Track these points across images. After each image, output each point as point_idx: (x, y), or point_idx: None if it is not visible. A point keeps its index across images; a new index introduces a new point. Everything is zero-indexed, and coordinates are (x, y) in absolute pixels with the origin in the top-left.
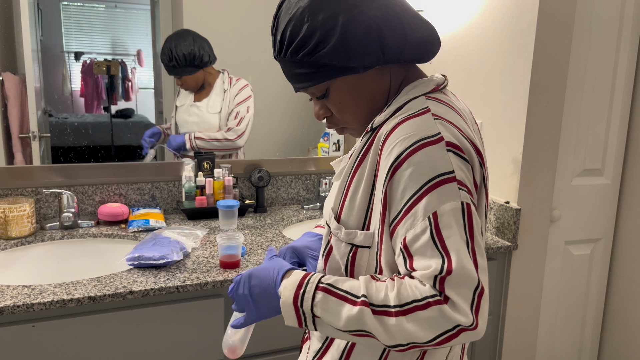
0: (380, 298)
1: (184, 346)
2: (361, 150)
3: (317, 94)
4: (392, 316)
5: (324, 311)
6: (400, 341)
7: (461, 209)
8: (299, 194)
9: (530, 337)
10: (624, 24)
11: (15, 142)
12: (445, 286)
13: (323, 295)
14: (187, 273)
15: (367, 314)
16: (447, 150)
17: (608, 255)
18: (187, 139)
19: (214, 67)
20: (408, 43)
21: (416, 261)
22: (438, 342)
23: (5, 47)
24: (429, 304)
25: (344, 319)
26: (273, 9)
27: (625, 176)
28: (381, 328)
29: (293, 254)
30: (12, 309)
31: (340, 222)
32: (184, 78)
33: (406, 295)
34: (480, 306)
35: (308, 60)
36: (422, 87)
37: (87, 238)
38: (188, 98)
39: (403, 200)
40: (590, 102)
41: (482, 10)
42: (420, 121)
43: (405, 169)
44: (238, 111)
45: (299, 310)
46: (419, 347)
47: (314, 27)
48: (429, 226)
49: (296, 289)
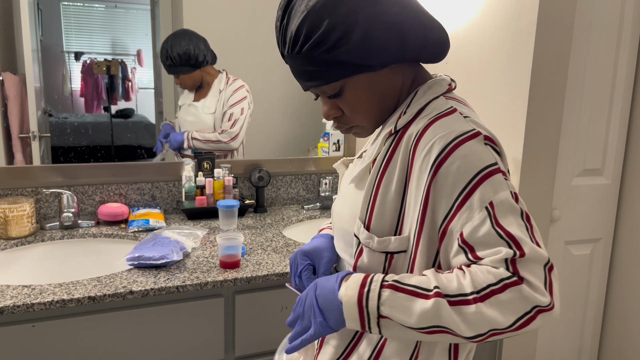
0: (454, 287)
1: (184, 346)
2: (386, 154)
3: (329, 93)
4: (471, 304)
5: (393, 309)
6: (479, 330)
7: (512, 197)
8: (299, 194)
9: (530, 337)
10: (624, 24)
11: (15, 142)
12: (518, 268)
13: (390, 292)
14: (187, 273)
15: (443, 306)
16: (485, 144)
17: (608, 255)
18: (186, 137)
19: (213, 67)
20: (428, 42)
21: (480, 251)
22: (517, 327)
23: (5, 47)
24: (505, 285)
25: (417, 314)
26: (273, 9)
27: (625, 176)
28: (459, 319)
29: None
30: (12, 309)
31: (371, 231)
32: (181, 77)
33: (481, 281)
34: (553, 284)
35: (325, 57)
36: (438, 87)
37: (87, 238)
38: (188, 97)
39: (454, 194)
40: (590, 102)
41: (482, 10)
42: (451, 120)
43: (451, 164)
44: (232, 113)
45: (363, 312)
46: (499, 334)
47: (334, 22)
48: (488, 216)
49: (359, 288)
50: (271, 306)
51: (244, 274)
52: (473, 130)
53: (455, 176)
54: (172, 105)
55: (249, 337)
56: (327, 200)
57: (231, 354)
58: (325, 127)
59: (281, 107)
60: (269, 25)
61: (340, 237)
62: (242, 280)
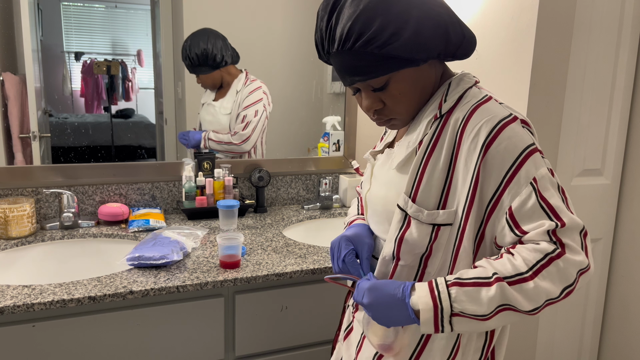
0: (509, 269)
1: (184, 346)
2: (433, 136)
3: (374, 86)
4: (529, 280)
5: (464, 302)
6: (538, 303)
7: (550, 172)
8: (299, 194)
9: (530, 337)
10: (624, 24)
11: (15, 142)
12: (560, 236)
13: (457, 289)
14: (187, 273)
15: (506, 289)
16: (522, 127)
17: (608, 255)
18: (203, 137)
19: (235, 67)
20: (465, 39)
21: (525, 225)
22: (567, 293)
23: (6, 47)
24: (551, 259)
25: (486, 302)
26: (273, 8)
27: (625, 176)
28: (521, 296)
29: (348, 242)
30: (13, 308)
31: (418, 205)
32: (201, 77)
33: (531, 258)
34: (587, 247)
35: (378, 52)
36: (467, 79)
37: (87, 238)
38: (209, 97)
39: (503, 170)
40: (590, 102)
41: (482, 10)
42: (491, 106)
43: (499, 144)
44: (245, 115)
45: (438, 315)
46: (552, 302)
47: (387, 20)
48: (534, 190)
49: (430, 293)
50: (271, 306)
51: (244, 274)
52: (511, 115)
53: (504, 155)
54: (172, 105)
55: (249, 337)
56: (327, 200)
57: (231, 354)
58: (325, 127)
59: (281, 107)
60: (269, 25)
61: (385, 220)
62: (242, 280)
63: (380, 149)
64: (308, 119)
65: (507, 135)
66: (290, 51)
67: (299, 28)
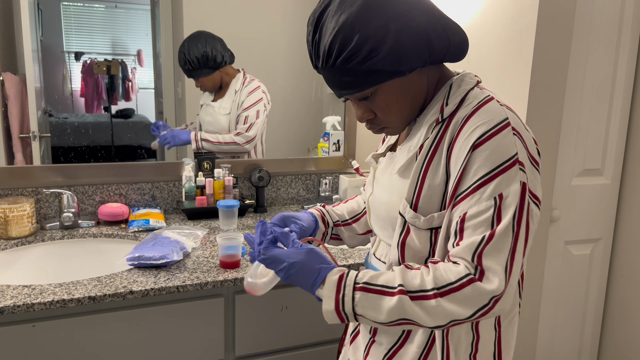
0: (416, 284)
1: (184, 346)
2: (434, 140)
3: (361, 98)
4: (431, 299)
5: (365, 308)
6: (440, 322)
7: (520, 189)
8: (299, 194)
9: (530, 337)
10: (624, 24)
11: (15, 142)
12: (484, 257)
13: (362, 294)
14: (187, 273)
15: (406, 302)
16: (513, 134)
17: (608, 255)
18: (193, 139)
19: (232, 67)
20: (451, 45)
21: (465, 237)
22: (478, 317)
23: (6, 47)
24: (462, 285)
25: (385, 311)
26: (272, 9)
27: (625, 176)
28: (421, 312)
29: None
30: (13, 308)
31: (418, 211)
32: (200, 80)
33: (442, 279)
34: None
35: (359, 68)
36: (469, 80)
37: (87, 238)
38: (208, 97)
39: (475, 177)
40: (590, 102)
41: (482, 10)
42: (491, 107)
43: (484, 150)
44: (247, 116)
45: (341, 314)
46: (460, 323)
47: (365, 36)
48: (494, 206)
49: (335, 293)
50: (271, 306)
51: (244, 274)
52: (505, 120)
53: (482, 162)
54: (172, 105)
55: (249, 337)
56: (327, 200)
57: (231, 354)
58: (325, 127)
59: (281, 107)
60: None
61: (389, 226)
62: (242, 280)
63: (382, 151)
64: (308, 119)
65: (495, 144)
66: (290, 51)
67: (299, 28)
